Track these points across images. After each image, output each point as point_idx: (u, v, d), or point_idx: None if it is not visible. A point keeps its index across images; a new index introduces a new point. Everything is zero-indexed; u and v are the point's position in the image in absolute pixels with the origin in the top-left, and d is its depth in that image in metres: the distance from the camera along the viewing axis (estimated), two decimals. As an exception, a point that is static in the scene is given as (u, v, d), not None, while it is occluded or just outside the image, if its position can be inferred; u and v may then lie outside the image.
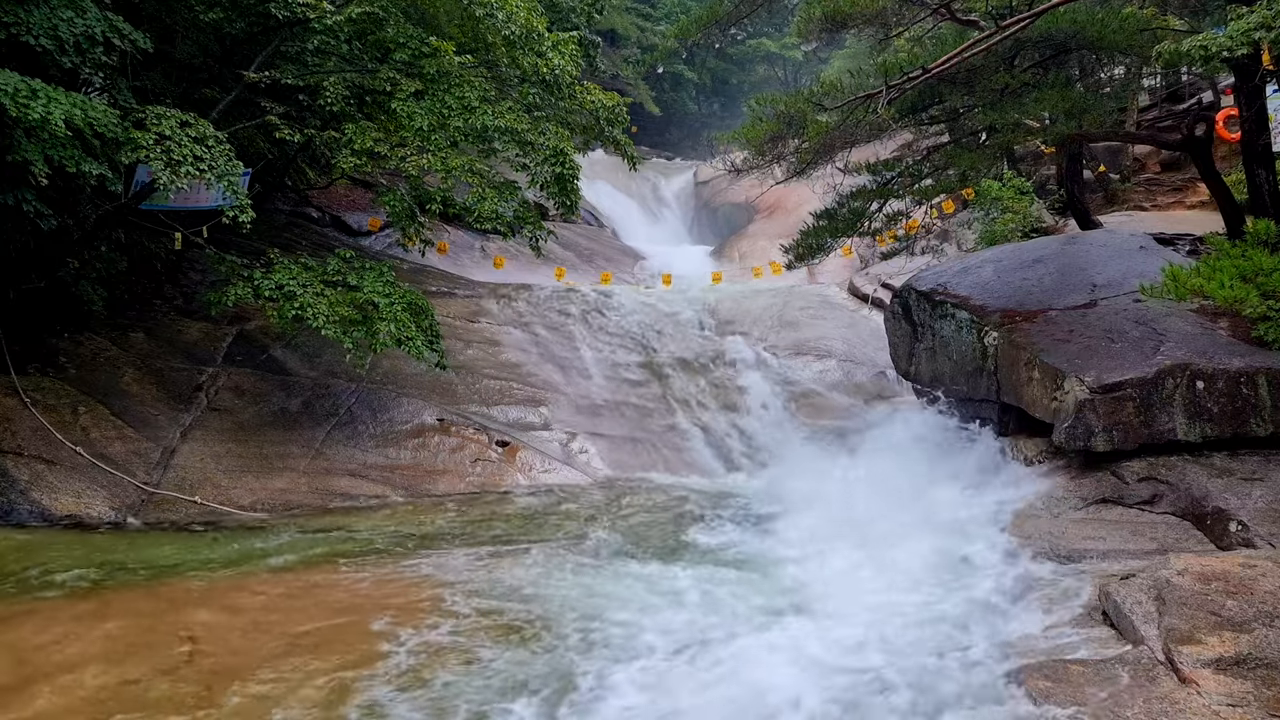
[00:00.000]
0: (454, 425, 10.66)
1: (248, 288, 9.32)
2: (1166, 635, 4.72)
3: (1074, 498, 7.65)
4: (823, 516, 8.26)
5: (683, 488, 10.05)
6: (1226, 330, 8.14)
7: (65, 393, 9.56)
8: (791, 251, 10.86)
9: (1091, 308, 9.02)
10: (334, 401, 10.73)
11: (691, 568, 7.08)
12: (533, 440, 10.85)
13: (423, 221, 11.11)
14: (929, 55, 8.71)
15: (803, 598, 6.39)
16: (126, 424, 9.55)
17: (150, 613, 6.00)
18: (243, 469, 9.49)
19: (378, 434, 10.41)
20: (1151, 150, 17.47)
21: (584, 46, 14.42)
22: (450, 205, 10.52)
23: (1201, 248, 10.53)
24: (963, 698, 4.82)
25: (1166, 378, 7.55)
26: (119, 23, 8.35)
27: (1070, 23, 8.55)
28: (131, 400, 9.91)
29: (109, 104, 8.47)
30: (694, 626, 5.86)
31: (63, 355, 10.07)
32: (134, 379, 10.21)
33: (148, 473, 9.10)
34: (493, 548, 7.58)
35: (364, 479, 9.72)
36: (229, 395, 10.48)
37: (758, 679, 5.10)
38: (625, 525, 8.39)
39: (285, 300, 9.17)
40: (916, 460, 9.33)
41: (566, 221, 18.30)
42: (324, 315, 9.10)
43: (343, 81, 9.93)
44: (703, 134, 37.65)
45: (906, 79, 8.06)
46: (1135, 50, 9.15)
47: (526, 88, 10.82)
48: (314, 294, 9.25)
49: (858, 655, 5.31)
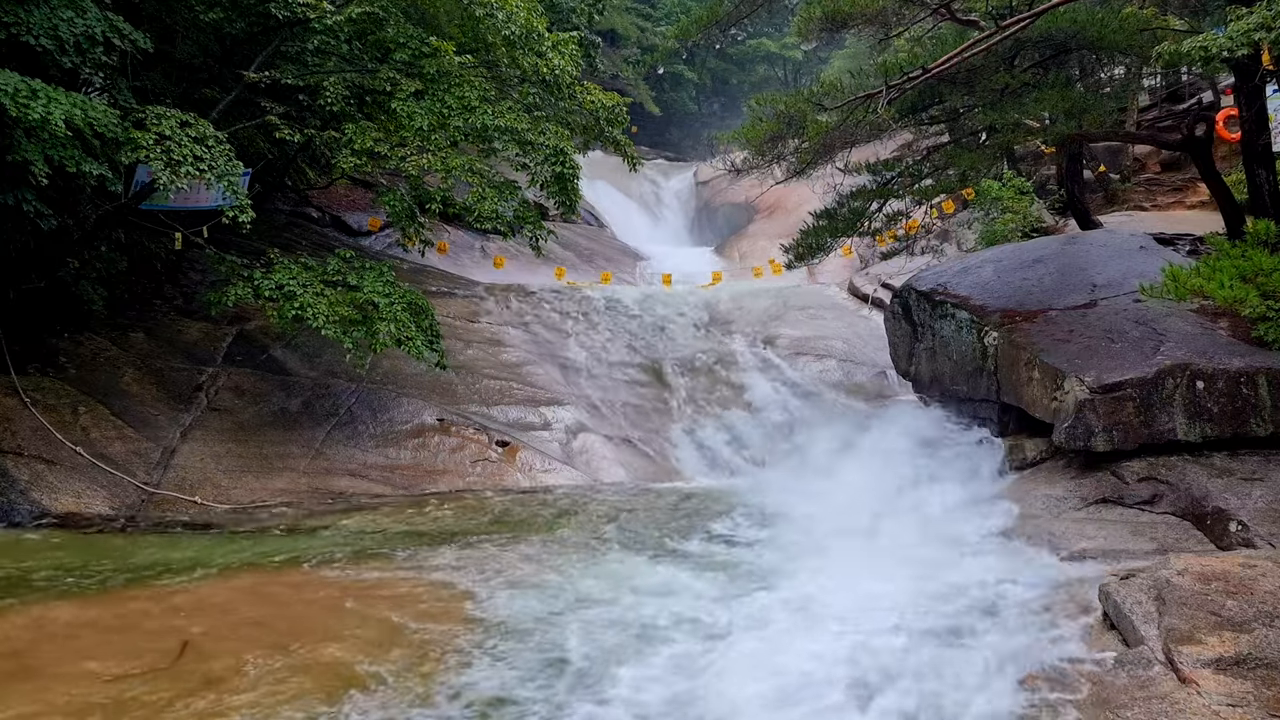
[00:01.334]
0: (454, 425, 10.67)
1: (248, 288, 9.32)
2: (1166, 635, 4.72)
3: (1074, 498, 7.65)
4: (824, 518, 8.26)
5: (682, 488, 10.06)
6: (1226, 330, 8.14)
7: (65, 393, 9.56)
8: (791, 251, 10.87)
9: (1091, 308, 9.02)
10: (334, 401, 10.73)
11: (691, 566, 7.08)
12: (533, 440, 10.85)
13: (423, 221, 11.12)
14: (929, 55, 8.71)
15: (802, 595, 6.39)
16: (126, 424, 9.55)
17: (147, 613, 6.00)
18: (243, 469, 9.49)
19: (378, 434, 10.41)
20: (1151, 150, 17.48)
21: (584, 47, 14.43)
22: (450, 205, 10.52)
23: (1201, 248, 10.53)
24: (962, 696, 4.83)
25: (1166, 378, 7.55)
26: (119, 23, 8.36)
27: (1070, 23, 8.55)
28: (131, 400, 9.91)
29: (109, 104, 8.47)
30: (704, 618, 5.87)
31: (63, 355, 10.07)
32: (134, 379, 10.21)
33: (148, 473, 9.11)
34: (493, 545, 7.58)
35: (364, 479, 9.72)
36: (229, 395, 10.49)
37: (783, 663, 5.19)
38: (625, 524, 8.39)
39: (285, 300, 9.17)
40: (917, 460, 9.32)
41: (566, 221, 18.31)
42: (324, 315, 9.10)
43: (343, 81, 9.93)
44: (703, 134, 37.68)
45: (906, 79, 8.07)
46: (1135, 50, 9.15)
47: (526, 88, 10.82)
48: (314, 294, 9.25)
49: (847, 666, 5.31)
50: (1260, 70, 8.46)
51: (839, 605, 6.11)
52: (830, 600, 6.22)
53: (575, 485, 10.04)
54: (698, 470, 10.89)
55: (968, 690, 4.88)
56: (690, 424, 11.82)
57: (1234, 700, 4.19)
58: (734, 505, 9.04)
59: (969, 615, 5.88)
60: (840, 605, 6.11)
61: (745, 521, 8.48)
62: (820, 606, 6.14)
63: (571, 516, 8.74)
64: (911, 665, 5.15)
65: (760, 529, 8.23)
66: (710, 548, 7.74)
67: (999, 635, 5.53)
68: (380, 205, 11.47)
